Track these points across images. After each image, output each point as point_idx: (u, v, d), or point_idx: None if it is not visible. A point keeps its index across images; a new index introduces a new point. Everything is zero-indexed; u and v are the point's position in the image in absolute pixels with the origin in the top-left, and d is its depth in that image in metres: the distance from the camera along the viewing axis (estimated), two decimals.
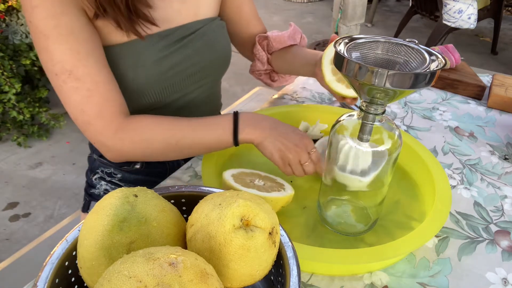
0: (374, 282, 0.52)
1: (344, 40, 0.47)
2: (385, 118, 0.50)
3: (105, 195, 0.38)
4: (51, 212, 1.73)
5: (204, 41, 0.71)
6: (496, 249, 0.57)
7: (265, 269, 0.37)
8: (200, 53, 0.71)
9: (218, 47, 0.74)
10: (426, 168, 0.65)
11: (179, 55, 0.68)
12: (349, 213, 0.60)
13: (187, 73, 0.71)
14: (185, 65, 0.69)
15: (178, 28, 0.67)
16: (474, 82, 0.96)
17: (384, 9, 4.34)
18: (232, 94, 2.65)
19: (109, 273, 0.29)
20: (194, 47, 0.70)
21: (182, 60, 0.68)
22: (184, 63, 0.69)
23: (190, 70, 0.71)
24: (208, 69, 0.74)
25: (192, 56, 0.70)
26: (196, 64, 0.71)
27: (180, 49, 0.68)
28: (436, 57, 0.44)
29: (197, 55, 0.70)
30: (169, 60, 0.66)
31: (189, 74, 0.71)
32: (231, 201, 0.36)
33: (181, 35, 0.67)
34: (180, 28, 0.67)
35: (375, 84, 0.41)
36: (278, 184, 0.58)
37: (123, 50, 0.62)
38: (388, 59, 0.46)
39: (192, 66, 0.71)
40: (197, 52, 0.70)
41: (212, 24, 0.73)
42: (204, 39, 0.71)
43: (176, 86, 0.70)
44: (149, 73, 0.65)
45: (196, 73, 0.72)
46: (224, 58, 0.77)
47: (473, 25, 2.32)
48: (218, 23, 0.75)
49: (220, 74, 0.80)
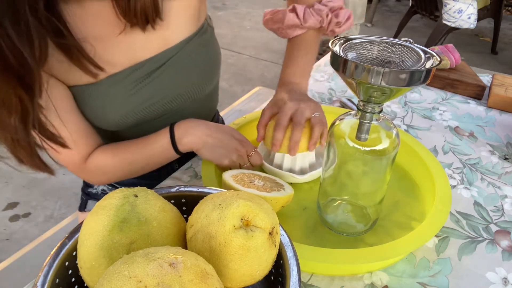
0: (374, 282, 0.52)
1: (340, 40, 0.47)
2: (382, 117, 0.50)
3: (102, 194, 0.38)
4: (51, 212, 1.73)
5: (178, 68, 0.65)
6: (496, 249, 0.57)
7: (265, 269, 0.37)
8: (175, 81, 0.65)
9: (196, 71, 0.67)
10: (426, 168, 0.65)
11: (150, 89, 0.63)
12: (349, 214, 0.60)
13: (162, 102, 0.66)
14: (158, 97, 0.65)
15: (144, 63, 0.61)
16: (474, 82, 0.96)
17: (384, 9, 4.34)
18: (232, 94, 2.65)
19: (109, 273, 0.29)
20: (165, 78, 0.64)
21: (155, 94, 0.64)
22: (156, 96, 0.64)
23: (164, 99, 0.66)
24: (188, 92, 0.68)
25: (166, 87, 0.65)
26: (170, 94, 0.66)
27: (151, 82, 0.63)
28: (431, 55, 0.44)
29: (170, 85, 0.65)
30: (138, 96, 0.62)
31: (164, 103, 0.66)
32: (231, 201, 0.36)
33: (149, 69, 0.62)
34: (147, 62, 0.61)
35: (371, 83, 0.41)
36: (278, 184, 0.58)
37: (90, 90, 0.59)
38: (383, 58, 0.47)
39: (167, 96, 0.66)
40: (169, 82, 0.65)
41: (186, 48, 0.64)
42: (177, 67, 0.64)
43: (154, 113, 0.66)
44: (119, 111, 0.62)
45: (172, 100, 0.67)
46: (205, 76, 0.70)
47: (473, 25, 2.32)
48: (195, 42, 0.65)
49: (206, 88, 0.72)
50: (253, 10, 4.51)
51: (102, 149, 0.65)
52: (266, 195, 0.52)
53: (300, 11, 0.72)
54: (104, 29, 0.56)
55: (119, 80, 0.60)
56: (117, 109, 0.62)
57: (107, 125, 0.64)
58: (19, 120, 0.47)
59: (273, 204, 0.53)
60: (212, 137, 0.62)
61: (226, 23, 4.07)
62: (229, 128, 0.65)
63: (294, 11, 0.72)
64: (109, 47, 0.58)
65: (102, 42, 0.56)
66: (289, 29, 0.74)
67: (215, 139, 0.62)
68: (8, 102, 0.45)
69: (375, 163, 0.52)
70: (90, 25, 0.55)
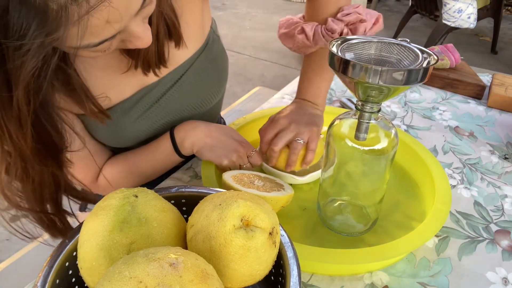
0: (374, 282, 0.52)
1: (338, 41, 0.47)
2: (381, 117, 0.50)
3: (103, 195, 0.38)
4: None
5: (187, 87, 0.64)
6: (496, 248, 0.57)
7: (266, 269, 0.37)
8: (184, 100, 0.65)
9: (205, 85, 0.67)
10: (426, 167, 0.65)
11: (160, 111, 0.63)
12: (348, 214, 0.60)
13: (174, 119, 0.66)
14: (170, 116, 0.65)
15: (154, 85, 0.61)
16: (474, 82, 0.96)
17: (384, 9, 4.34)
18: (232, 94, 2.66)
19: (109, 274, 0.29)
20: (176, 97, 0.64)
21: (165, 115, 0.64)
22: (167, 117, 0.65)
23: (176, 116, 0.66)
24: (198, 106, 0.68)
25: (176, 107, 0.65)
26: (180, 113, 0.66)
27: (161, 106, 0.63)
28: (429, 54, 0.44)
29: (181, 103, 0.65)
30: (149, 119, 0.63)
31: (176, 119, 0.66)
32: (231, 202, 0.36)
33: (159, 92, 0.62)
34: (157, 85, 0.62)
35: (369, 82, 0.41)
36: (277, 184, 0.58)
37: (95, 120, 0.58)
38: (381, 58, 0.47)
39: (178, 114, 0.66)
40: (181, 100, 0.65)
41: (195, 65, 0.64)
42: (186, 86, 0.64)
43: (165, 129, 0.66)
44: (131, 134, 0.63)
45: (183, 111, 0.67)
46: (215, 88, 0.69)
47: (473, 24, 2.32)
48: (203, 57, 0.65)
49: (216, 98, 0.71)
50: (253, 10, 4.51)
51: (110, 163, 0.66)
52: (266, 195, 0.52)
53: (310, 32, 0.65)
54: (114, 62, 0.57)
55: (130, 107, 0.60)
56: (129, 133, 0.63)
57: (119, 145, 0.65)
58: (50, 193, 0.49)
59: (273, 204, 0.53)
60: (211, 137, 0.62)
61: (226, 23, 4.07)
62: (228, 129, 0.65)
63: (303, 32, 0.66)
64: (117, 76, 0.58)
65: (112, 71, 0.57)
66: (302, 49, 0.69)
67: (215, 139, 0.62)
68: (42, 180, 0.47)
69: (374, 163, 0.52)
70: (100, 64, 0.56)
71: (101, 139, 0.63)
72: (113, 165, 0.66)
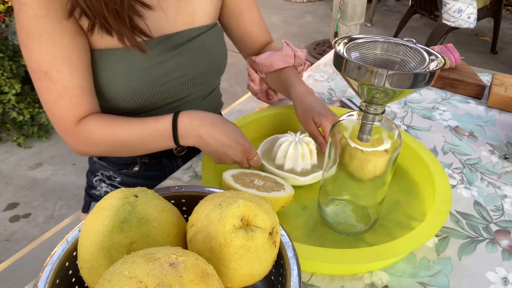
0: (374, 282, 0.52)
1: (344, 40, 0.47)
2: (384, 118, 0.50)
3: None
4: (51, 212, 1.73)
5: (200, 50, 0.70)
6: (496, 248, 0.57)
7: (266, 269, 0.37)
8: (195, 62, 0.70)
9: (213, 57, 0.73)
10: (426, 168, 0.65)
11: (173, 62, 0.67)
12: (349, 213, 0.60)
13: (181, 80, 0.70)
14: (179, 73, 0.69)
15: (172, 36, 0.66)
16: (474, 82, 0.96)
17: (383, 9, 4.34)
18: (232, 94, 2.65)
19: (109, 274, 0.29)
20: (189, 55, 0.69)
21: (176, 68, 0.68)
22: (177, 71, 0.68)
23: (183, 78, 0.70)
24: (202, 77, 0.73)
25: (187, 65, 0.69)
26: (190, 73, 0.71)
27: (175, 57, 0.67)
28: (436, 56, 0.44)
29: (192, 63, 0.70)
30: (162, 67, 0.66)
31: (182, 82, 0.71)
32: (231, 201, 0.36)
33: (175, 43, 0.67)
34: (174, 36, 0.67)
35: (374, 84, 0.41)
36: (278, 184, 0.58)
37: (115, 55, 0.62)
38: (387, 59, 0.47)
39: (186, 74, 0.70)
40: (192, 60, 0.70)
41: (209, 33, 0.71)
42: (200, 48, 0.70)
43: (169, 92, 0.70)
44: (141, 79, 0.65)
45: (189, 80, 0.72)
46: (219, 66, 0.76)
47: (472, 24, 2.32)
48: (215, 31, 0.73)
49: (215, 80, 0.79)
50: None
51: (95, 117, 0.63)
52: (266, 195, 0.52)
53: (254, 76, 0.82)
54: None
55: (147, 49, 0.62)
56: (139, 76, 0.64)
57: (124, 95, 0.65)
58: None
59: (273, 204, 0.53)
60: (215, 139, 0.60)
61: None
62: (234, 132, 0.62)
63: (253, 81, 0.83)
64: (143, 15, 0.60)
65: None
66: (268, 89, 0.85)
67: (218, 143, 0.60)
68: None
69: (376, 164, 0.52)
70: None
71: (112, 82, 0.63)
72: (97, 120, 0.63)
